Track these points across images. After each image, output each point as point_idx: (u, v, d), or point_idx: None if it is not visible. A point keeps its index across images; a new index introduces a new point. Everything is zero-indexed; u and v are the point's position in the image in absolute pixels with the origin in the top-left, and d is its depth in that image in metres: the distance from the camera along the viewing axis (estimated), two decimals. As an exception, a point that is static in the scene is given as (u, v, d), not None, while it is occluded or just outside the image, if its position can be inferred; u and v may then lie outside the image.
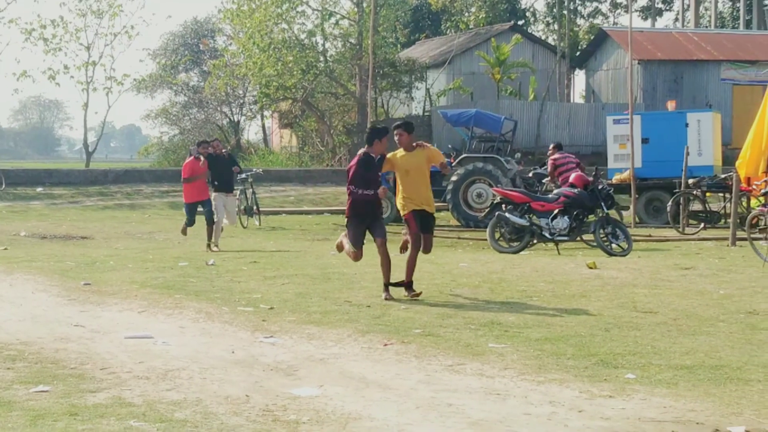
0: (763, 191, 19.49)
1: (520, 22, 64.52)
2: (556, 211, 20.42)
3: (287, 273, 16.77)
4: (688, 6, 65.04)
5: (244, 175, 28.55)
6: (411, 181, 13.90)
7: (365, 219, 13.88)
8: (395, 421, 7.81)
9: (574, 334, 11.40)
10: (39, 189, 38.52)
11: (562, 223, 20.29)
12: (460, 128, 32.52)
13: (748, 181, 23.57)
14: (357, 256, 13.95)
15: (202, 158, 21.25)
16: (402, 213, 14.08)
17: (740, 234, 20.66)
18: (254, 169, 33.67)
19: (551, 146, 25.54)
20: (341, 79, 51.32)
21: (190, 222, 22.03)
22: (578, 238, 21.07)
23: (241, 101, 62.24)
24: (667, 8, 71.46)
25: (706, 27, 60.30)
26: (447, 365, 9.86)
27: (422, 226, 13.85)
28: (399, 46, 54.00)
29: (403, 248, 14.45)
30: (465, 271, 17.04)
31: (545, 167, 31.20)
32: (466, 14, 67.26)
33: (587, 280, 15.93)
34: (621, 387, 8.99)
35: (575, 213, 20.40)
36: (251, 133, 71.06)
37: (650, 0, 68.34)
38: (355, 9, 50.23)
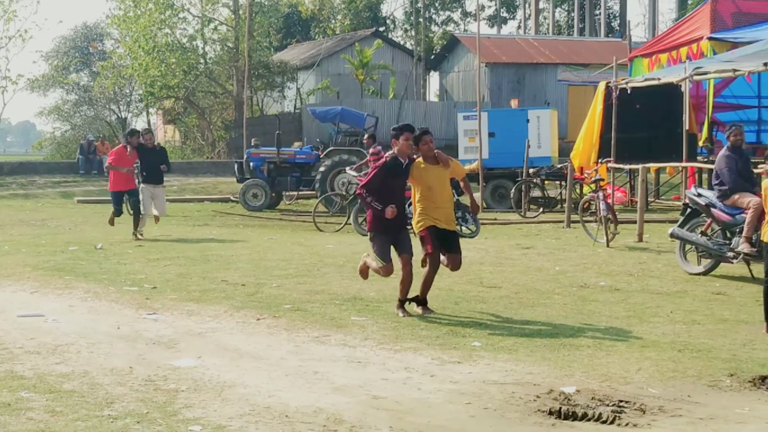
0: (593, 179, 19.77)
1: (381, 29, 64.61)
2: (410, 197, 20.44)
3: (169, 255, 16.55)
4: (530, 15, 65.90)
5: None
6: (434, 196, 11.04)
7: (390, 231, 11.10)
8: (266, 388, 7.79)
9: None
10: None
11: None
12: (327, 124, 32.48)
13: (581, 170, 23.92)
14: (388, 269, 11.14)
15: (129, 148, 19.53)
16: (416, 230, 11.17)
17: (574, 217, 20.98)
18: (136, 162, 33.12)
19: (366, 136, 25.42)
20: (220, 79, 51.06)
21: (117, 212, 20.14)
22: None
23: (128, 99, 61.60)
24: (511, 17, 72.25)
25: (545, 34, 61.03)
26: (314, 337, 9.85)
27: (448, 246, 11.20)
28: (272, 49, 53.81)
29: (425, 262, 11.29)
30: (331, 251, 17.02)
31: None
32: (333, 21, 67.56)
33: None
34: (468, 354, 9.08)
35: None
36: (138, 127, 70.01)
37: (496, 9, 69.04)
38: (232, 16, 50.10)
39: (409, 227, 11.58)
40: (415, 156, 11.13)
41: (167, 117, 58.18)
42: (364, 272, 11.65)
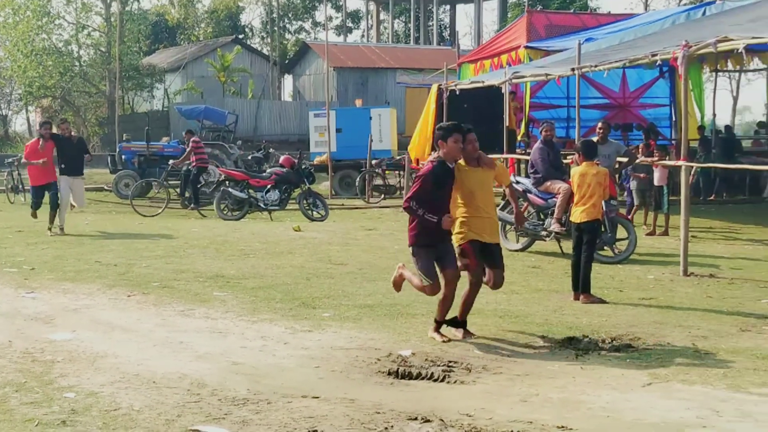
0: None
1: (240, 36, 64.22)
2: (269, 186, 20.38)
3: (47, 240, 16.11)
4: (372, 25, 66.26)
5: (11, 159, 27.58)
6: (476, 203, 8.70)
7: (434, 244, 8.63)
8: (136, 357, 7.67)
9: (282, 282, 11.45)
10: None
11: (274, 195, 20.29)
12: (192, 120, 32.08)
13: (417, 161, 24.10)
14: (434, 289, 8.55)
15: (41, 140, 17.05)
16: (456, 242, 8.72)
17: (411, 202, 21.17)
18: (18, 155, 32.27)
19: (185, 132, 25.25)
20: (93, 80, 50.26)
21: (35, 204, 17.60)
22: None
23: (8, 98, 60.64)
24: (356, 27, 72.34)
25: (386, 42, 61.35)
26: (179, 311, 9.73)
27: (491, 261, 8.84)
28: (141, 53, 52.94)
29: (462, 268, 8.71)
30: (196, 234, 16.82)
31: (261, 151, 31.23)
32: (197, 29, 66.91)
33: (293, 240, 16.02)
34: (318, 323, 9.09)
35: (284, 187, 20.44)
36: (17, 124, 68.36)
37: (343, 20, 69.08)
38: (105, 23, 49.24)
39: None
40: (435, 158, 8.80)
41: (45, 114, 56.96)
42: (398, 285, 9.24)
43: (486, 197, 8.79)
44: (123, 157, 29.11)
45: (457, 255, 8.60)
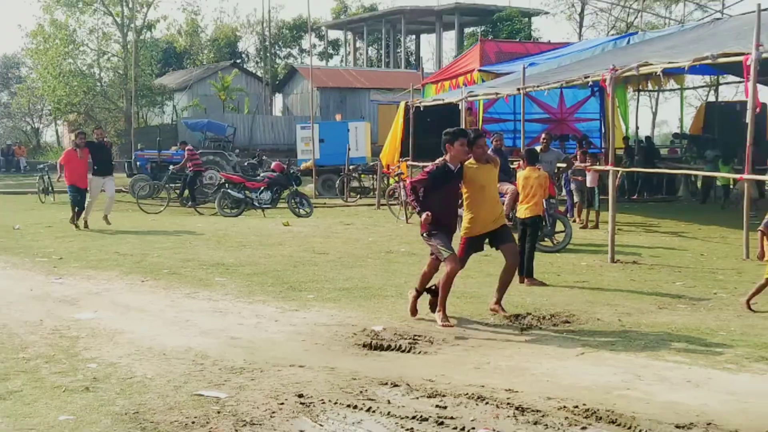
0: (396, 173, 20.00)
1: (238, 61, 63.89)
2: (262, 188, 20.32)
3: (73, 234, 15.96)
4: (350, 52, 66.13)
5: (41, 165, 27.34)
6: (485, 197, 8.30)
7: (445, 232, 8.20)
8: (148, 333, 7.62)
9: (273, 269, 11.41)
10: None
11: (267, 195, 20.24)
12: (197, 132, 31.93)
13: (388, 167, 24.11)
14: (454, 261, 8.01)
15: (79, 151, 16.49)
16: (463, 233, 8.42)
17: (382, 201, 21.19)
18: (49, 162, 32.06)
19: (180, 143, 25.14)
20: (113, 98, 49.85)
21: (74, 202, 16.67)
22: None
23: (40, 114, 60.39)
24: (336, 53, 72.01)
25: (361, 66, 61.22)
26: (186, 293, 9.68)
27: (501, 239, 8.36)
28: (154, 75, 52.50)
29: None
30: (200, 229, 16.72)
31: (256, 158, 31.11)
32: (201, 54, 66.61)
33: (283, 233, 15.97)
34: (304, 304, 9.07)
35: (275, 189, 20.40)
36: (48, 135, 67.70)
37: (325, 47, 68.97)
38: (122, 49, 48.90)
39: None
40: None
41: (71, 127, 57.09)
42: (414, 311, 8.38)
43: (493, 189, 8.45)
44: (138, 163, 28.92)
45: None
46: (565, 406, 5.56)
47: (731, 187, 21.75)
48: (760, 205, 16.97)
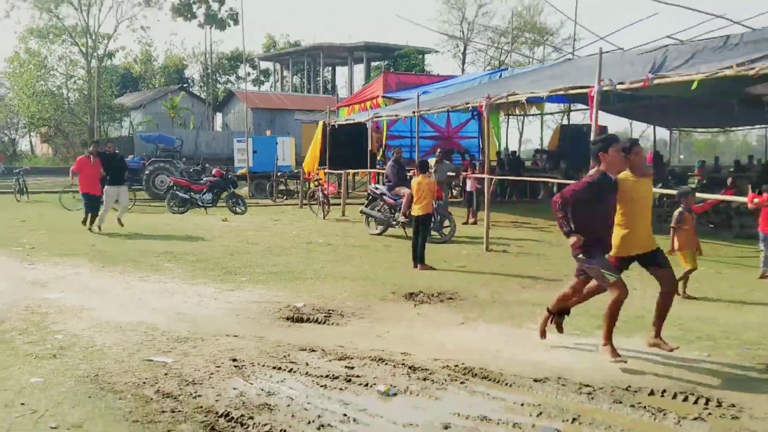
0: (316, 179, 19.92)
1: (185, 85, 62.60)
2: (205, 190, 19.93)
3: (45, 227, 15.35)
4: (278, 79, 65.56)
5: (17, 170, 26.14)
6: (643, 213, 5.89)
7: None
8: (107, 311, 7.42)
9: (213, 257, 11.22)
10: None
11: (208, 196, 19.82)
12: (150, 144, 31.08)
13: (309, 174, 24.01)
14: (622, 286, 5.64)
15: (92, 157, 14.88)
16: (615, 252, 5.86)
17: (305, 202, 21.06)
18: (23, 167, 30.88)
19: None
20: (78, 114, 48.27)
21: (88, 208, 14.77)
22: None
23: (16, 126, 58.01)
24: (266, 80, 71.16)
25: (287, 91, 60.62)
26: (139, 277, 9.44)
27: (657, 262, 5.81)
28: (114, 96, 51.08)
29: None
30: (153, 225, 16.30)
31: (199, 166, 30.48)
32: (153, 79, 65.06)
33: (222, 228, 15.71)
34: (238, 285, 8.95)
35: (216, 191, 20.00)
36: (23, 145, 64.99)
37: (257, 75, 68.20)
38: (87, 74, 47.46)
39: None
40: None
41: (43, 138, 55.77)
42: (543, 332, 6.33)
43: (648, 207, 5.98)
44: (99, 169, 27.97)
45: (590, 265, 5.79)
46: (448, 365, 5.65)
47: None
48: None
